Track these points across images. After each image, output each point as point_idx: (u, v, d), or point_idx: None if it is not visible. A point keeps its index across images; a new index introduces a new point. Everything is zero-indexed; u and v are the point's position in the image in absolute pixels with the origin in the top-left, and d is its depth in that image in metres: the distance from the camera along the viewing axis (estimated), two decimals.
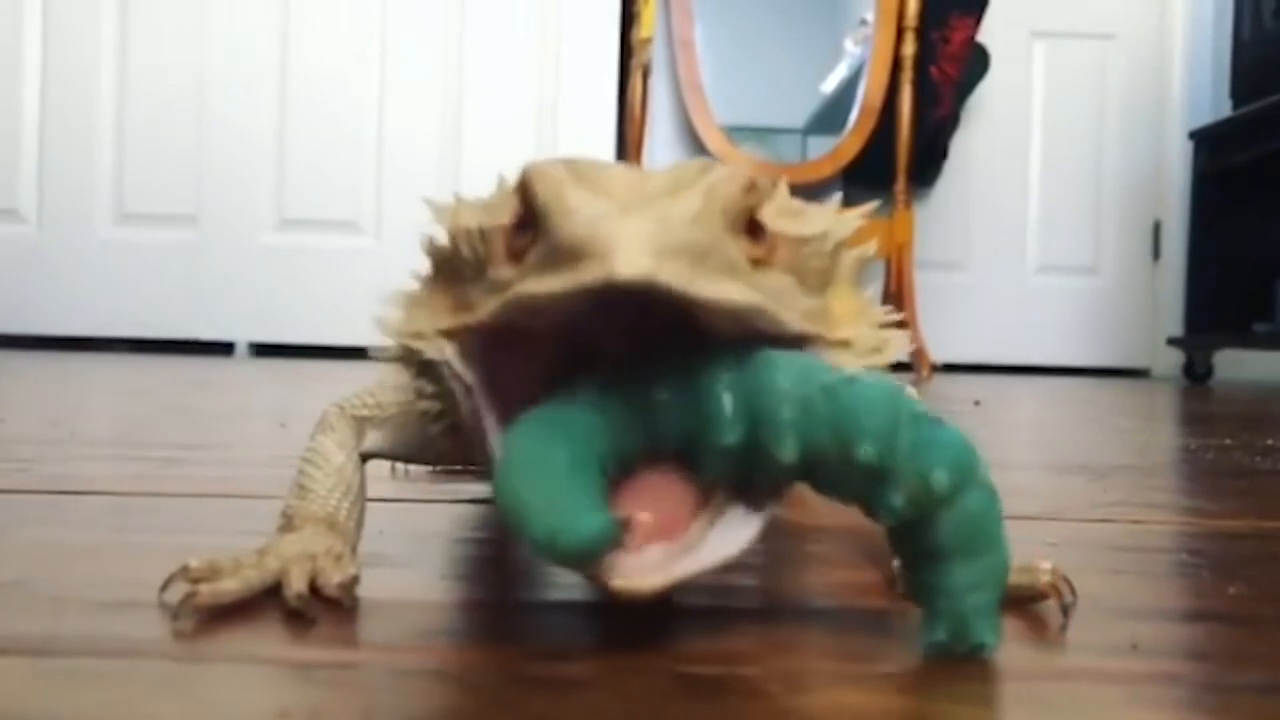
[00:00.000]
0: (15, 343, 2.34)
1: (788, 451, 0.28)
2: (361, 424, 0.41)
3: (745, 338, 0.29)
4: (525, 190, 0.30)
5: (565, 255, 0.26)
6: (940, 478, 0.28)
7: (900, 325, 0.37)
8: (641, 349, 0.29)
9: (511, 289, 0.29)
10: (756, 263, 0.30)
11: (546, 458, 0.28)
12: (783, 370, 0.29)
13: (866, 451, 0.28)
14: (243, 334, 2.41)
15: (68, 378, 1.58)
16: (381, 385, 0.42)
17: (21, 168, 2.40)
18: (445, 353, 0.33)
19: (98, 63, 2.40)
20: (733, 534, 0.29)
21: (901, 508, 0.28)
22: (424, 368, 0.36)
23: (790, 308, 0.31)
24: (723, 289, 0.27)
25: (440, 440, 0.39)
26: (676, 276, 0.26)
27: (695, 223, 0.27)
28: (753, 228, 0.31)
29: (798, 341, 0.31)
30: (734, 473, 0.29)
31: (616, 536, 0.27)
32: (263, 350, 2.43)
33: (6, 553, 0.42)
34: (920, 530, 0.29)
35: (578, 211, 0.27)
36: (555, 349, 0.31)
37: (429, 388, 0.36)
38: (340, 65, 2.41)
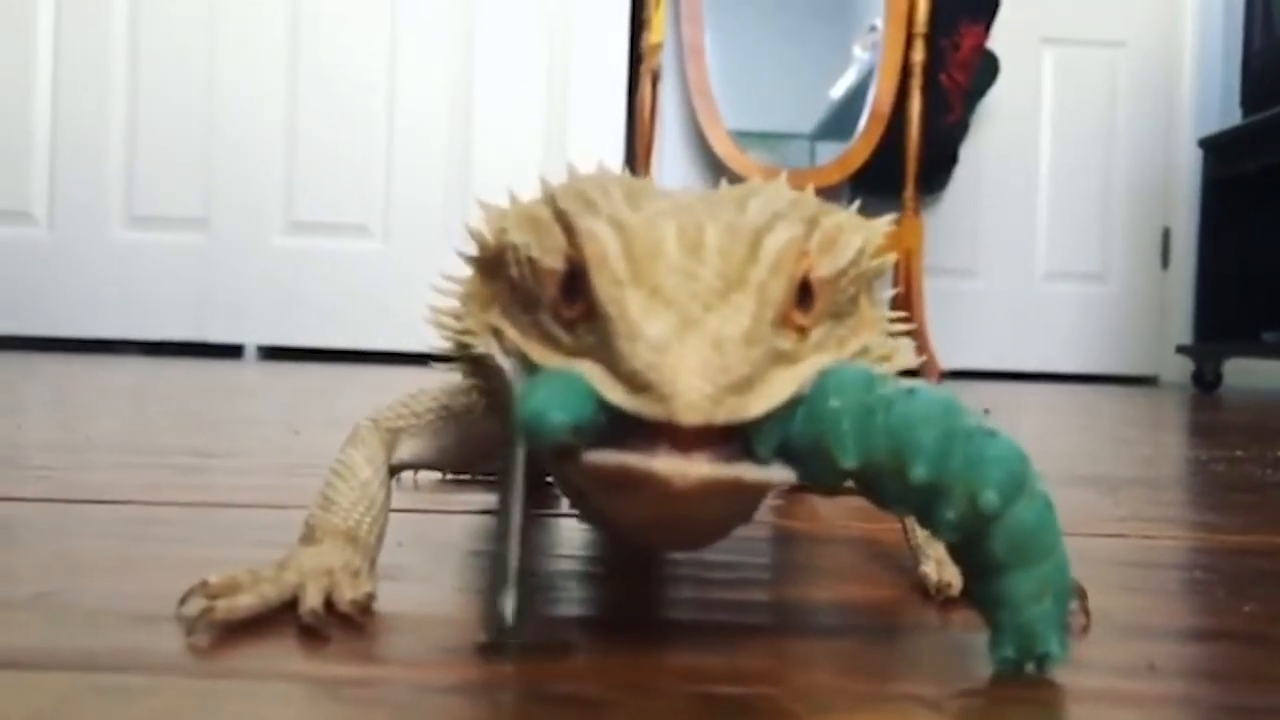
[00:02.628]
0: (26, 344, 2.35)
1: (849, 460, 0.29)
2: (396, 435, 0.42)
3: None
4: (575, 257, 0.31)
5: (629, 381, 0.28)
6: (989, 497, 0.29)
7: (907, 334, 0.38)
8: None
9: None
10: (802, 331, 0.31)
11: (560, 380, 0.29)
12: (845, 381, 0.30)
13: (920, 470, 0.29)
14: (252, 336, 2.42)
15: (78, 380, 1.59)
16: (416, 395, 0.43)
17: (33, 170, 2.41)
18: (493, 348, 0.34)
19: (108, 66, 2.41)
20: (773, 471, 0.30)
21: (955, 522, 0.29)
22: (474, 361, 0.36)
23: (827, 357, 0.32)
24: (773, 395, 0.29)
25: (487, 436, 0.41)
26: (732, 411, 0.28)
27: (748, 341, 0.29)
28: (804, 291, 0.31)
29: None
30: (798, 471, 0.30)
31: (579, 437, 0.28)
32: (271, 353, 2.44)
33: (37, 563, 0.42)
34: (975, 543, 0.30)
35: (640, 333, 0.28)
36: None
37: (481, 381, 0.37)
38: (350, 70, 2.42)
